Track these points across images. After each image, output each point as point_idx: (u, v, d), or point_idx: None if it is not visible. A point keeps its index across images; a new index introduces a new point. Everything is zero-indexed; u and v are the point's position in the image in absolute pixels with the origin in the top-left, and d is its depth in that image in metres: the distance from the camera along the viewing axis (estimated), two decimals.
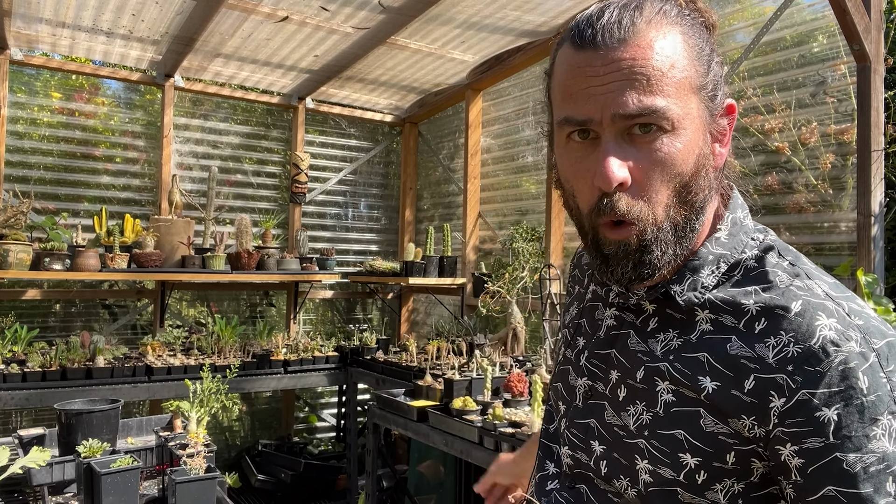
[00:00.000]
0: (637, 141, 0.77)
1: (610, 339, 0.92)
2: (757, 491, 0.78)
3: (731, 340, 0.79)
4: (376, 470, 3.47)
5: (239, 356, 4.19)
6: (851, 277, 2.60)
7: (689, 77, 0.78)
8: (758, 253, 0.84)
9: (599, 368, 0.92)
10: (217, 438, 5.03)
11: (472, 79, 4.77)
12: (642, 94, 0.75)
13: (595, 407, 0.92)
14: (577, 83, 0.79)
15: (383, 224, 5.88)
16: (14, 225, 3.76)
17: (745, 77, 3.17)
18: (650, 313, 0.88)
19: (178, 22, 3.81)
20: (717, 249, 0.85)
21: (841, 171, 2.81)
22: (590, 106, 0.77)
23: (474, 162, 4.89)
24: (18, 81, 4.36)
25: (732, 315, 0.80)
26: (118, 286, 4.59)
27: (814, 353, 0.72)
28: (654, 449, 0.82)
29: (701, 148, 0.80)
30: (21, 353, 3.71)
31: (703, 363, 0.79)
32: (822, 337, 0.73)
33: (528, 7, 3.66)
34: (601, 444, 0.90)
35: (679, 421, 0.80)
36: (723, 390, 0.77)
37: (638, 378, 0.86)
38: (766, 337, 0.76)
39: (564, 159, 0.83)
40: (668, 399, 0.82)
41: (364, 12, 3.69)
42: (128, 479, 1.96)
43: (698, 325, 0.82)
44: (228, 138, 5.08)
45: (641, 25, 0.77)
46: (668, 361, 0.83)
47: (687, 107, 0.78)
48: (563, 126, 0.81)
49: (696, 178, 0.80)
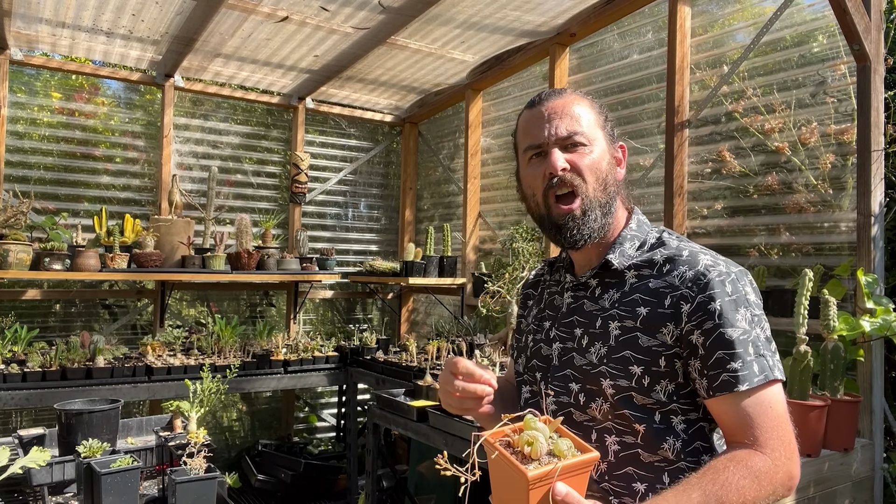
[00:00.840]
0: (570, 151, 1.28)
1: (570, 311, 1.35)
2: (684, 389, 1.21)
3: (650, 281, 1.25)
4: (376, 470, 3.47)
5: (239, 356, 4.19)
6: (851, 277, 2.60)
7: (595, 119, 1.32)
8: (656, 234, 1.34)
9: (567, 332, 1.34)
10: (217, 438, 5.03)
11: (472, 79, 4.77)
12: (569, 126, 1.28)
13: (567, 360, 1.31)
14: (531, 124, 1.32)
15: (383, 224, 5.88)
16: (14, 225, 3.76)
17: (745, 77, 3.17)
18: (594, 287, 1.33)
19: (178, 22, 3.81)
20: (632, 233, 1.34)
21: (841, 171, 2.81)
22: (540, 133, 1.29)
23: (474, 162, 4.89)
24: (18, 81, 4.36)
25: (648, 268, 1.27)
26: (118, 286, 4.59)
27: (701, 272, 1.21)
28: (612, 369, 1.23)
29: (608, 160, 1.31)
30: (21, 353, 3.70)
31: (637, 300, 1.25)
32: (704, 264, 1.22)
33: (528, 7, 3.66)
34: (576, 383, 1.29)
35: (625, 345, 1.23)
36: (652, 311, 1.22)
37: (597, 326, 1.28)
38: (672, 272, 1.23)
39: (527, 173, 1.33)
40: (616, 333, 1.24)
41: (364, 12, 3.68)
42: (128, 479, 1.96)
43: (628, 281, 1.28)
44: (228, 138, 5.08)
45: (566, 94, 1.33)
46: (616, 308, 1.27)
47: (595, 135, 1.31)
48: (526, 152, 1.32)
49: (609, 176, 1.30)
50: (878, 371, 2.54)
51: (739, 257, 3.10)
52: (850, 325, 2.39)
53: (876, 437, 2.52)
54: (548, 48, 4.06)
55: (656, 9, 3.63)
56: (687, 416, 1.21)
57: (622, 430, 1.22)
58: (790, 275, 2.95)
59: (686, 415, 1.21)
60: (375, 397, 3.43)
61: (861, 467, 2.43)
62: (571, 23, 3.86)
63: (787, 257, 2.98)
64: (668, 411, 1.21)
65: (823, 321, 2.35)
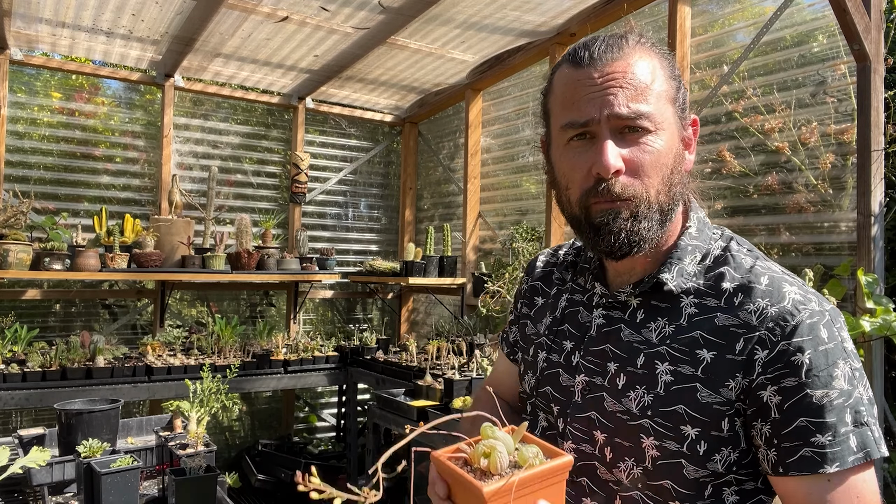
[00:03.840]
0: (628, 139, 0.93)
1: (602, 335, 1.03)
2: (746, 457, 0.91)
3: (717, 316, 0.94)
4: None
5: (239, 356, 4.18)
6: (851, 277, 2.60)
7: (666, 91, 0.96)
8: (722, 244, 1.01)
9: (595, 364, 1.02)
10: (217, 438, 5.03)
11: (472, 79, 4.77)
12: (631, 101, 0.92)
13: (594, 399, 1.01)
14: (577, 93, 0.95)
15: (383, 224, 5.88)
16: (14, 225, 3.76)
17: (745, 77, 3.17)
18: (635, 307, 1.01)
19: (178, 22, 3.81)
20: (693, 242, 1.01)
21: (841, 171, 2.81)
22: (590, 108, 0.93)
23: (474, 162, 4.89)
24: (18, 81, 4.36)
25: (714, 297, 0.95)
26: (118, 286, 4.59)
27: (787, 310, 0.90)
28: (658, 426, 0.93)
29: (677, 148, 0.97)
30: (21, 353, 3.70)
31: (698, 339, 0.93)
32: (791, 299, 0.91)
33: (528, 7, 3.66)
34: (603, 433, 0.99)
35: (679, 397, 0.92)
36: (718, 358, 0.91)
37: (638, 365, 0.97)
38: (746, 306, 0.92)
39: (564, 159, 0.98)
40: (668, 379, 0.94)
41: (364, 12, 3.68)
42: (128, 479, 1.95)
43: (684, 310, 0.97)
44: (228, 138, 5.08)
45: (627, 49, 0.95)
46: (667, 345, 0.96)
47: (665, 114, 0.95)
48: (565, 130, 0.96)
49: (675, 173, 0.96)
50: (878, 371, 2.54)
51: None
52: (850, 324, 2.39)
53: None
54: (548, 48, 4.06)
55: (656, 9, 3.63)
56: (742, 486, 0.93)
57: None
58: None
59: (741, 485, 0.93)
60: (375, 397, 3.43)
61: None
62: (571, 23, 3.86)
63: (787, 257, 2.98)
64: (721, 483, 0.92)
65: None
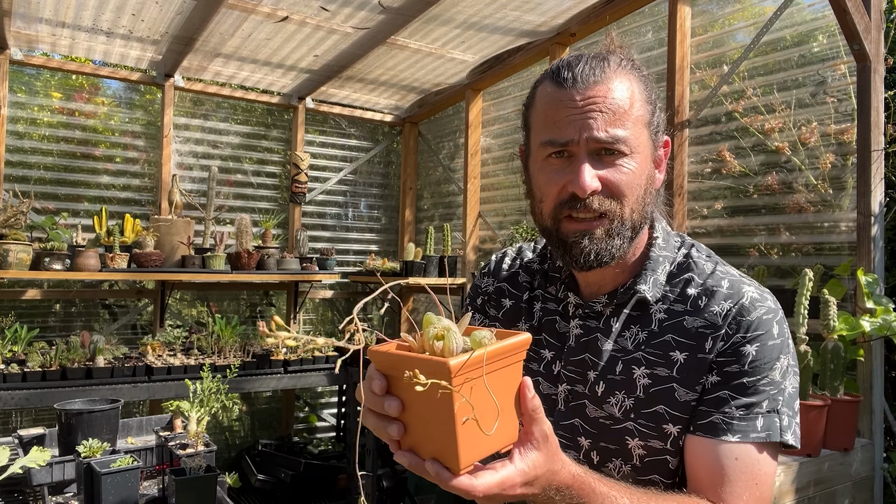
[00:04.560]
0: (605, 160, 0.98)
1: (581, 345, 1.08)
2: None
3: (685, 319, 1.01)
4: (376, 470, 3.47)
5: (239, 356, 4.18)
6: (851, 277, 2.60)
7: (642, 116, 1.01)
8: (685, 251, 1.09)
9: (576, 373, 1.08)
10: (217, 438, 5.03)
11: (472, 79, 4.77)
12: (609, 126, 0.96)
13: (577, 407, 1.07)
14: (559, 113, 0.98)
15: (383, 224, 5.88)
16: (14, 225, 3.76)
17: (745, 77, 3.17)
18: (608, 316, 1.07)
19: (178, 22, 3.81)
20: (662, 253, 1.08)
21: (841, 171, 2.81)
22: (570, 130, 0.97)
23: (474, 162, 4.89)
24: (18, 81, 4.36)
25: (681, 302, 1.03)
26: (118, 286, 4.59)
27: (745, 306, 0.99)
28: (642, 426, 1.00)
29: (649, 169, 1.02)
30: (21, 353, 3.70)
31: (670, 342, 1.01)
32: (749, 296, 1.00)
33: (528, 7, 3.66)
34: (587, 438, 1.05)
35: (658, 398, 1.00)
36: (690, 357, 0.99)
37: (616, 371, 1.03)
38: (711, 308, 1.00)
39: (542, 174, 1.02)
40: (646, 382, 1.01)
41: (364, 12, 3.68)
42: (128, 479, 1.95)
43: (654, 316, 1.04)
44: (228, 138, 5.08)
45: (609, 72, 0.98)
46: (641, 351, 1.03)
47: (640, 138, 1.00)
48: (544, 147, 1.00)
49: (647, 193, 1.02)
50: (878, 371, 2.54)
51: (739, 257, 3.10)
52: (850, 324, 2.39)
53: (876, 437, 2.52)
54: (548, 48, 4.06)
55: (656, 9, 3.63)
56: None
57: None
58: (790, 275, 2.95)
59: None
60: None
61: (861, 467, 2.43)
62: (571, 23, 3.86)
63: (787, 257, 2.98)
64: None
65: (823, 321, 2.35)
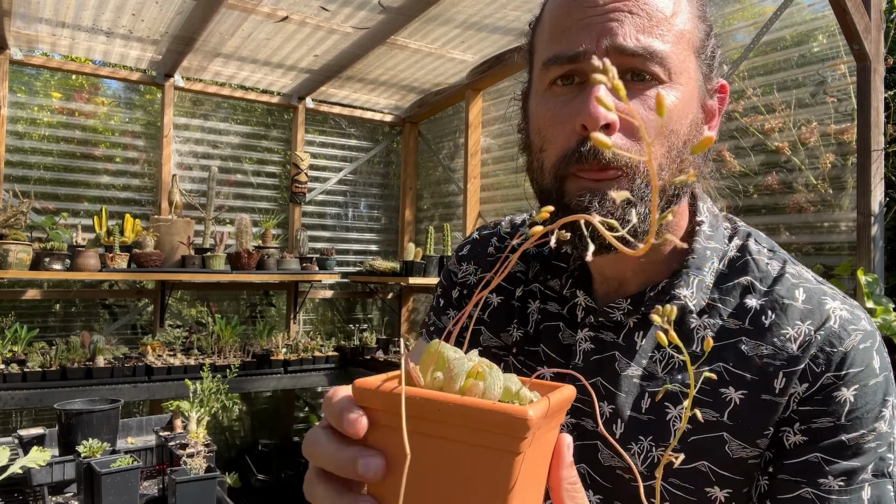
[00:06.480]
0: (631, 88, 0.66)
1: (592, 365, 0.75)
2: None
3: (742, 342, 0.70)
4: None
5: (239, 356, 4.19)
6: (851, 277, 2.60)
7: (689, 32, 0.69)
8: (738, 242, 0.76)
9: (585, 403, 0.75)
10: (217, 438, 5.03)
11: (472, 79, 4.77)
12: (641, 32, 0.65)
13: (584, 449, 0.75)
14: (572, 16, 0.68)
15: (383, 224, 5.88)
16: (14, 225, 3.76)
17: (745, 77, 3.17)
18: (631, 328, 0.75)
19: (178, 22, 3.81)
20: (709, 244, 0.74)
21: (841, 171, 2.81)
22: (584, 36, 0.66)
23: (474, 162, 4.89)
24: (18, 81, 4.36)
25: (736, 317, 0.71)
26: (118, 286, 4.59)
27: (833, 332, 0.67)
28: (675, 488, 0.70)
29: (695, 115, 0.70)
30: (21, 353, 3.70)
31: (722, 374, 0.69)
32: (837, 316, 0.68)
33: (528, 7, 3.66)
34: (597, 494, 0.74)
35: (701, 452, 0.69)
36: (750, 397, 0.68)
37: (643, 408, 0.72)
38: (782, 330, 0.68)
39: (542, 109, 0.71)
40: (684, 428, 0.70)
41: (364, 12, 3.68)
42: (128, 479, 1.95)
43: (695, 333, 0.71)
44: (228, 138, 5.08)
45: None
46: (679, 382, 0.71)
47: (685, 63, 0.68)
48: (547, 68, 0.70)
49: (688, 148, 0.69)
50: None
51: None
52: None
53: None
54: None
55: None
56: None
57: None
58: None
59: None
60: None
61: None
62: None
63: None
64: None
65: None
